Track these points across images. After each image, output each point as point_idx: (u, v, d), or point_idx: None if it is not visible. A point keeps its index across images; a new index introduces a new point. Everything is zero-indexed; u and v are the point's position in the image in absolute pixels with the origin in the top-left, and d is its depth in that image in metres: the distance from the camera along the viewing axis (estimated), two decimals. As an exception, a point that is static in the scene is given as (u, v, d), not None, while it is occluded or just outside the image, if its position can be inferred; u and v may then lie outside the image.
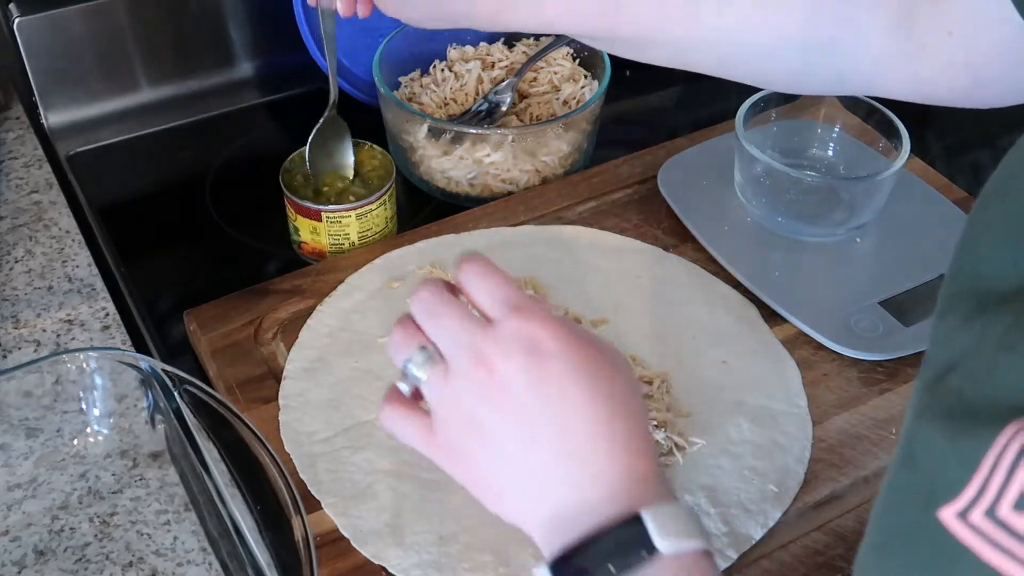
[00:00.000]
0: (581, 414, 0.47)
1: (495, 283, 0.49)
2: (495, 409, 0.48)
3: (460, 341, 0.49)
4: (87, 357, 0.67)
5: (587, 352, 0.48)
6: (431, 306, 0.50)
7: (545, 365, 0.47)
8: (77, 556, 0.64)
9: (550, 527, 0.47)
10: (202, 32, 1.03)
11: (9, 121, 0.97)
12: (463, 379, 0.48)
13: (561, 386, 0.47)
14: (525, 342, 0.47)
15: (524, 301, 0.49)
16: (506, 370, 0.47)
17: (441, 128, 0.88)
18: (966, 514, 0.31)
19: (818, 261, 0.82)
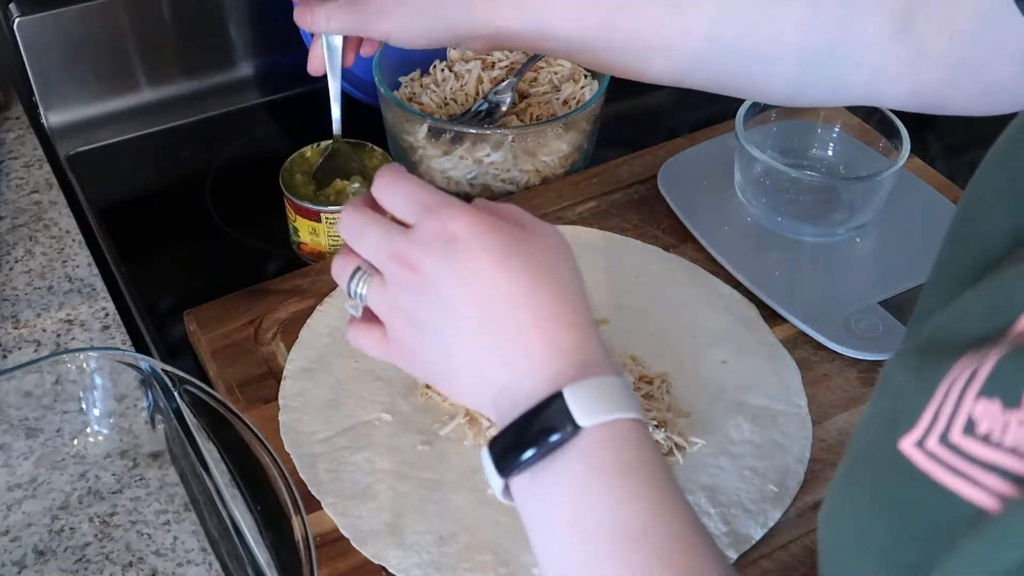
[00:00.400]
0: (500, 291, 0.49)
1: (406, 188, 0.52)
2: (427, 305, 0.50)
3: (386, 250, 0.52)
4: (87, 357, 0.67)
5: (502, 232, 0.50)
6: (355, 227, 0.53)
7: (461, 252, 0.49)
8: (77, 556, 0.64)
9: (495, 407, 0.50)
10: (202, 32, 1.03)
11: (9, 121, 0.97)
12: (395, 284, 0.51)
13: (478, 268, 0.49)
14: (441, 236, 0.50)
15: (436, 199, 0.51)
16: (428, 265, 0.50)
17: (441, 128, 0.88)
18: (923, 442, 0.33)
19: (818, 261, 0.82)
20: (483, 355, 0.50)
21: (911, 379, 0.34)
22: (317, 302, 0.78)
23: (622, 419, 0.47)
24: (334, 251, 0.83)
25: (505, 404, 0.49)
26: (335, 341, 0.75)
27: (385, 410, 0.70)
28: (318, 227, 0.81)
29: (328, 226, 0.81)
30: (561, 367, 0.48)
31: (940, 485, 0.32)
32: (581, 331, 0.50)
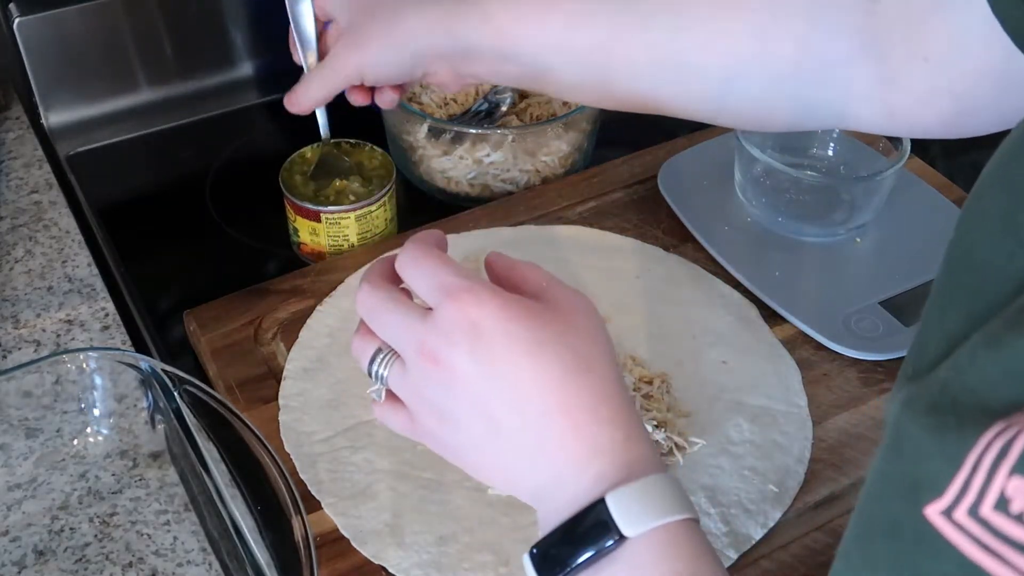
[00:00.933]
0: (530, 388, 0.47)
1: (429, 269, 0.50)
2: (453, 398, 0.48)
3: (405, 338, 0.49)
4: (87, 357, 0.67)
5: (529, 320, 0.47)
6: (372, 308, 0.51)
7: (488, 346, 0.47)
8: (77, 556, 0.64)
9: (535, 502, 0.48)
10: (202, 32, 1.03)
11: (9, 121, 0.97)
12: (417, 372, 0.49)
13: (505, 362, 0.47)
14: (465, 327, 0.47)
15: (458, 283, 0.48)
16: (452, 359, 0.47)
17: (441, 128, 0.88)
18: (951, 512, 0.31)
19: (818, 261, 0.82)
20: (516, 455, 0.48)
21: (933, 442, 0.33)
22: (317, 302, 0.78)
23: (671, 523, 0.44)
24: (334, 251, 0.83)
25: (546, 506, 0.47)
26: (335, 341, 0.75)
27: (385, 410, 0.70)
28: (318, 227, 0.81)
29: (328, 226, 0.81)
30: (601, 469, 0.46)
31: (968, 559, 0.30)
32: (621, 425, 0.47)
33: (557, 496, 0.46)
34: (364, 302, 0.51)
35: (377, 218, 0.82)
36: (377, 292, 0.51)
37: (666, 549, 0.44)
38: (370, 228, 0.82)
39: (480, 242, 0.83)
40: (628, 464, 0.46)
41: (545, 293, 0.50)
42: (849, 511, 0.67)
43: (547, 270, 0.52)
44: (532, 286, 0.50)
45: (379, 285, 0.51)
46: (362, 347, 0.52)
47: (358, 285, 0.52)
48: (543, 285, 0.50)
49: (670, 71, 0.62)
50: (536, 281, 0.50)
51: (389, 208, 0.83)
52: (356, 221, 0.81)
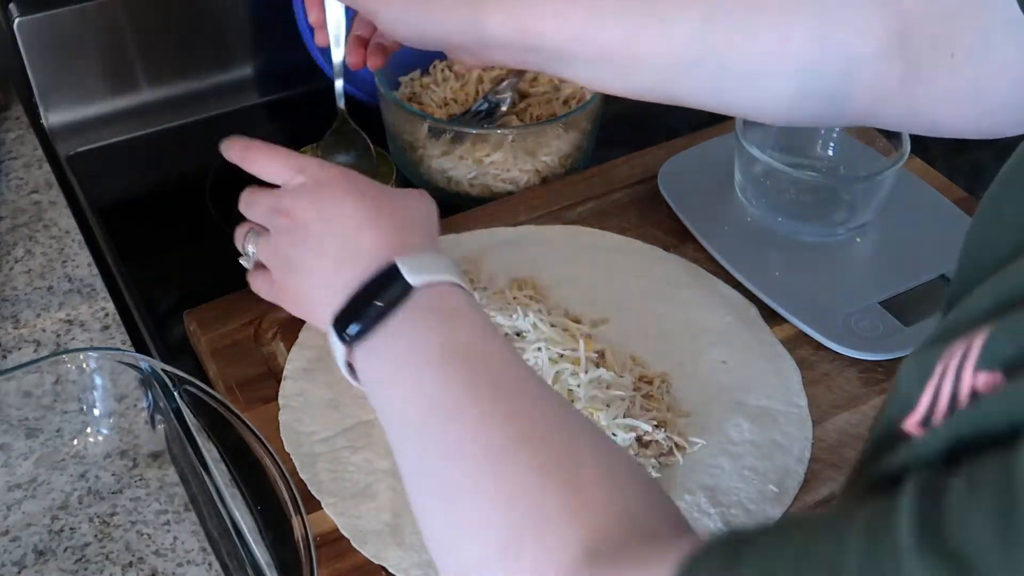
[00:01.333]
0: (352, 216, 0.57)
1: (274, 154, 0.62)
2: (298, 242, 0.59)
3: (269, 208, 0.61)
4: (87, 357, 0.67)
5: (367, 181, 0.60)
6: (249, 200, 0.63)
7: (324, 193, 0.58)
8: (77, 556, 0.64)
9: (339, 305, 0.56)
10: (202, 32, 1.03)
11: (9, 121, 0.97)
12: (275, 233, 0.61)
13: (335, 201, 0.58)
14: (309, 185, 0.59)
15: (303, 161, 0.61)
16: (298, 208, 0.59)
17: (441, 128, 0.88)
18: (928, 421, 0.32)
19: (818, 261, 0.82)
20: (338, 269, 0.56)
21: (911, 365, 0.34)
22: (317, 302, 0.77)
23: (447, 281, 0.54)
24: None
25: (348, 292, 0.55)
26: (335, 341, 0.75)
27: (385, 410, 0.70)
28: None
29: None
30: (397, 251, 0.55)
31: None
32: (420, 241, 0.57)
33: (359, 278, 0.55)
34: (243, 199, 0.64)
35: None
36: (254, 190, 0.64)
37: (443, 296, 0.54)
38: None
39: (480, 242, 0.83)
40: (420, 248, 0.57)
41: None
42: (849, 511, 0.68)
43: None
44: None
45: (255, 188, 0.64)
46: (239, 232, 0.65)
47: None
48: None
49: (698, 70, 0.63)
50: None
51: None
52: None
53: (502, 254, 0.82)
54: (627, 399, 0.68)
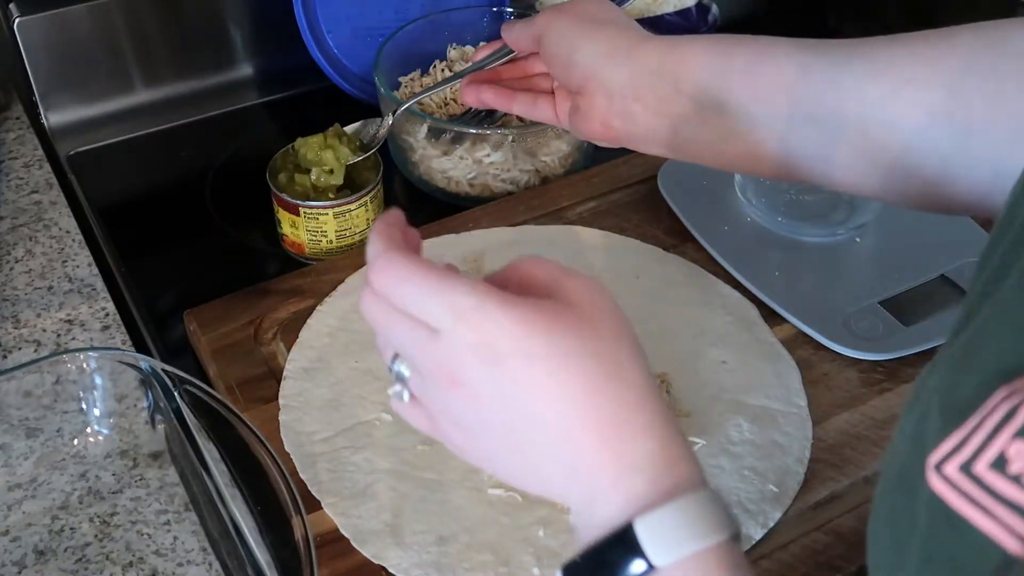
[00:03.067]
0: (557, 406, 0.43)
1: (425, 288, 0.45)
2: (474, 416, 0.46)
3: (418, 358, 0.46)
4: (87, 357, 0.67)
5: (547, 332, 0.43)
6: (377, 321, 0.48)
7: (506, 366, 0.43)
8: (77, 556, 0.64)
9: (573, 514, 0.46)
10: (202, 32, 1.03)
11: (9, 121, 0.97)
12: (433, 387, 0.46)
13: (528, 385, 0.43)
14: (480, 349, 0.43)
15: (462, 301, 0.44)
16: (470, 381, 0.44)
17: (441, 128, 0.88)
18: (941, 466, 0.32)
19: (818, 261, 0.82)
20: (545, 469, 0.45)
21: (941, 396, 0.33)
22: (317, 302, 0.78)
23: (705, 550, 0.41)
24: (312, 246, 0.83)
25: (579, 520, 0.45)
26: (335, 341, 0.75)
27: (385, 410, 0.70)
28: (297, 221, 0.81)
29: (306, 220, 0.81)
30: (632, 487, 0.43)
31: (952, 511, 0.31)
32: (654, 435, 0.44)
33: (589, 513, 0.44)
34: (367, 312, 0.48)
35: (357, 217, 0.82)
36: (379, 303, 0.47)
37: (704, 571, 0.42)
38: (349, 227, 0.82)
39: (480, 242, 0.83)
40: (661, 480, 0.43)
41: (558, 288, 0.46)
42: (849, 511, 0.68)
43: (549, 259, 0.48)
44: (541, 281, 0.46)
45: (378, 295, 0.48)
46: (383, 345, 0.49)
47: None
48: (553, 278, 0.46)
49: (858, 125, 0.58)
50: (546, 276, 0.46)
51: (371, 208, 0.83)
52: (334, 218, 0.81)
53: (502, 254, 0.82)
54: (627, 399, 0.68)
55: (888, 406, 0.72)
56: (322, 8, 0.96)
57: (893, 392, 0.73)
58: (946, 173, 0.56)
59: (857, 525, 0.65)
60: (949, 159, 0.56)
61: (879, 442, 0.70)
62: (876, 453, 0.69)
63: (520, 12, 1.00)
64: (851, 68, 0.58)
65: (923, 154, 0.56)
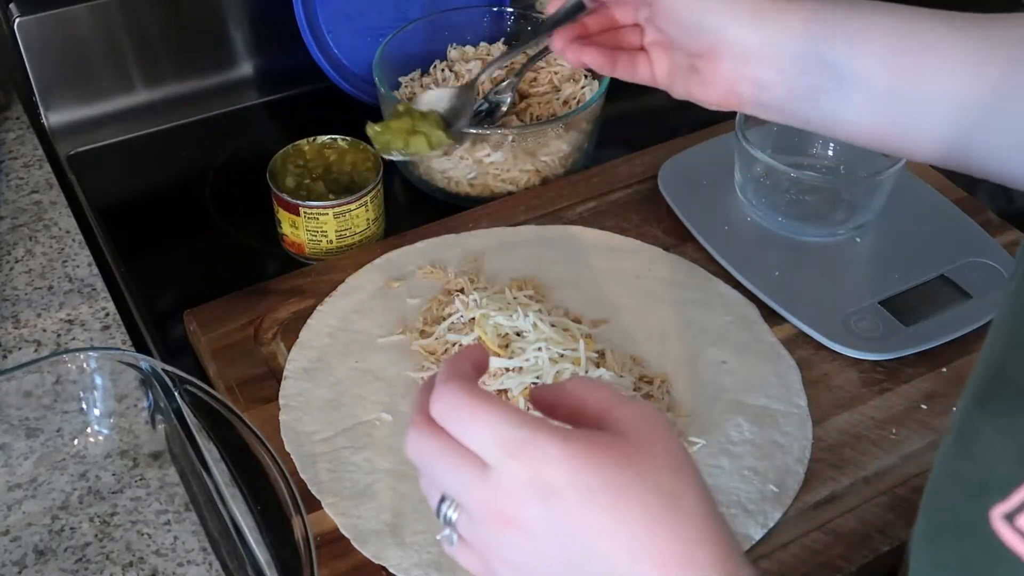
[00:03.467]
0: (617, 544, 0.42)
1: (474, 420, 0.43)
2: (530, 556, 0.43)
3: (466, 497, 0.44)
4: (87, 357, 0.67)
5: (602, 466, 0.42)
6: (423, 459, 0.45)
7: (562, 504, 0.41)
8: (77, 556, 0.64)
9: None
10: (202, 32, 1.03)
11: (9, 121, 0.97)
12: (484, 529, 0.44)
13: (586, 520, 0.42)
14: (532, 487, 0.42)
15: (515, 437, 0.42)
16: (524, 520, 0.42)
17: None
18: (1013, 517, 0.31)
19: (818, 261, 0.82)
20: None
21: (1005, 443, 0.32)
22: (317, 302, 0.78)
23: None
24: (312, 246, 0.83)
25: None
26: (335, 341, 0.75)
27: (385, 410, 0.70)
28: (297, 220, 0.81)
29: (307, 220, 0.81)
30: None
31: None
32: (719, 564, 0.42)
33: None
34: (413, 450, 0.45)
35: (357, 217, 0.82)
36: (425, 439, 0.44)
37: None
38: (349, 227, 0.82)
39: (480, 242, 0.83)
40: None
41: (609, 417, 0.44)
42: (849, 511, 0.68)
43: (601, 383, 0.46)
44: (593, 409, 0.45)
45: (426, 429, 0.45)
46: (427, 487, 0.47)
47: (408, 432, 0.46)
48: (606, 407, 0.45)
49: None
50: (597, 404, 0.45)
51: (371, 209, 0.83)
52: (334, 218, 0.81)
53: (502, 254, 0.82)
54: (627, 399, 0.68)
55: (888, 406, 0.72)
56: (322, 8, 0.96)
57: (893, 392, 0.73)
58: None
59: (857, 525, 0.65)
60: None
61: (879, 442, 0.70)
62: (876, 453, 0.69)
63: (520, 12, 1.00)
64: None
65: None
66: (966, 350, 0.75)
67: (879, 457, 0.69)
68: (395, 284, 0.79)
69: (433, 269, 0.80)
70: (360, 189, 0.82)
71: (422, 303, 0.78)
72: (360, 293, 0.78)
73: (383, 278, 0.80)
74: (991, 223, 0.85)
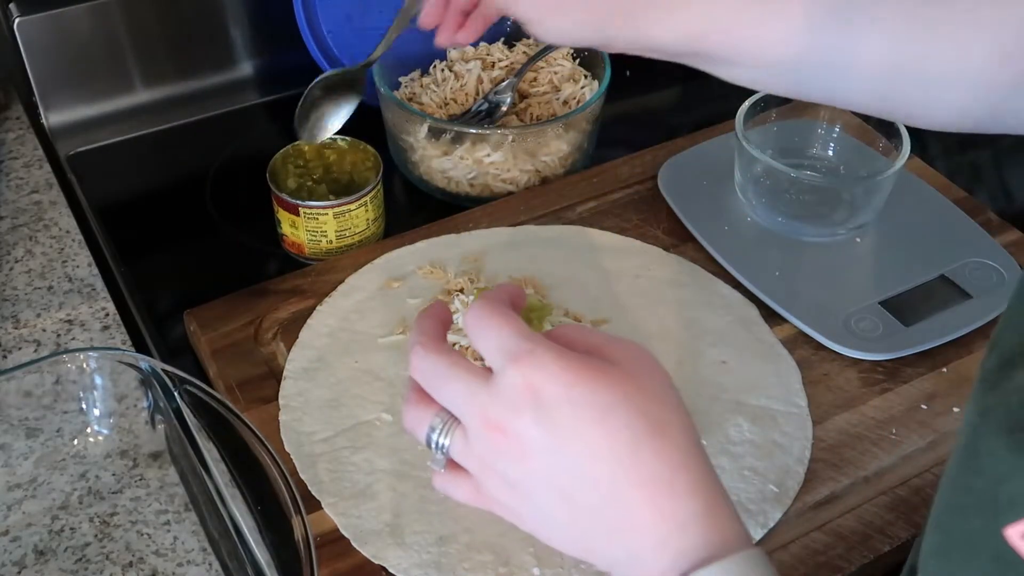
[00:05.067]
0: (603, 460, 0.44)
1: (493, 329, 0.46)
2: (520, 468, 0.45)
3: (467, 406, 0.46)
4: (87, 357, 0.67)
5: (594, 384, 0.44)
6: (429, 375, 0.48)
7: (553, 414, 0.44)
8: (77, 556, 0.64)
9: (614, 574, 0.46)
10: (202, 32, 1.03)
11: (9, 121, 0.97)
12: (482, 442, 0.46)
13: (575, 432, 0.44)
14: (528, 394, 0.44)
15: (519, 346, 0.45)
16: (518, 428, 0.44)
17: (441, 128, 0.88)
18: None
19: (818, 261, 0.82)
20: (591, 528, 0.45)
21: (1016, 462, 0.32)
22: (317, 302, 0.78)
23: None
24: (312, 246, 0.83)
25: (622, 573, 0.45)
26: (335, 341, 0.75)
27: (385, 410, 0.70)
28: (297, 221, 0.81)
29: (306, 220, 0.81)
30: (680, 546, 0.43)
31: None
32: (701, 494, 0.44)
33: (633, 572, 0.44)
34: (419, 367, 0.48)
35: (357, 217, 0.82)
36: (432, 356, 0.47)
37: None
38: (349, 227, 0.82)
39: (480, 242, 0.83)
40: (709, 540, 0.43)
41: (599, 350, 0.47)
42: (849, 511, 0.68)
43: (592, 329, 0.49)
44: (581, 346, 0.47)
45: (432, 347, 0.48)
46: (417, 417, 0.48)
47: (409, 345, 0.49)
48: (594, 343, 0.47)
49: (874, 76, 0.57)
50: (584, 341, 0.47)
51: (371, 209, 0.83)
52: (334, 218, 0.81)
53: (502, 254, 0.82)
54: (627, 399, 0.68)
55: (888, 406, 0.72)
56: (322, 8, 0.96)
57: (893, 392, 0.73)
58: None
59: (857, 525, 0.65)
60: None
61: (879, 442, 0.70)
62: (876, 453, 0.69)
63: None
64: None
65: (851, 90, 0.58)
66: (966, 350, 0.76)
67: (879, 457, 0.69)
68: (395, 284, 0.79)
69: (433, 269, 0.80)
70: (360, 189, 0.82)
71: (422, 303, 0.78)
72: (360, 293, 0.78)
73: (383, 278, 0.80)
74: (991, 223, 0.85)
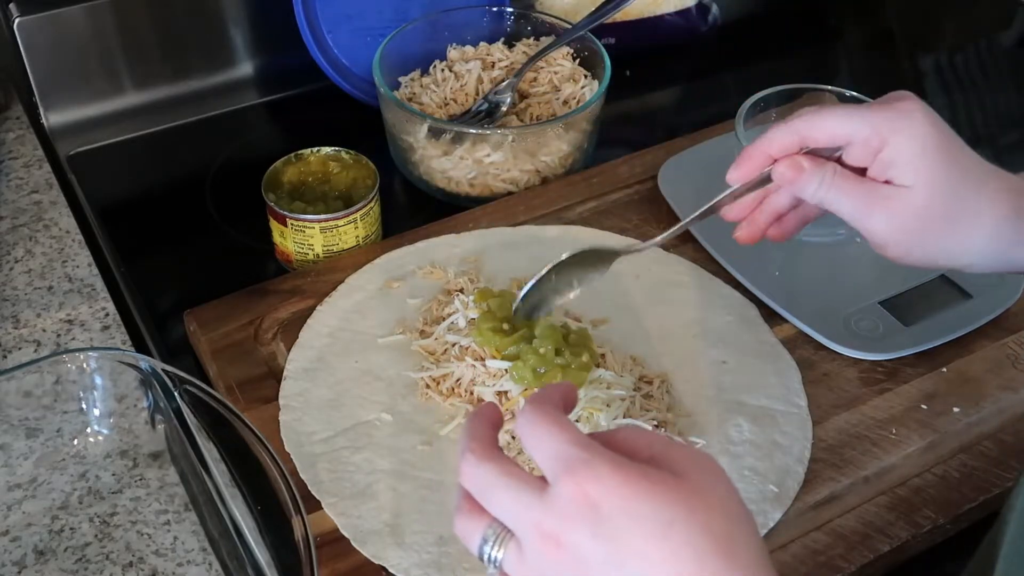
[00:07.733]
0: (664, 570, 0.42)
1: (545, 436, 0.44)
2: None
3: (521, 518, 0.44)
4: (87, 357, 0.67)
5: (654, 498, 0.42)
6: (481, 484, 0.46)
7: (611, 528, 0.42)
8: (77, 556, 0.64)
9: None
10: (202, 32, 1.03)
11: (9, 121, 0.97)
12: (536, 555, 0.44)
13: (634, 548, 0.42)
14: (584, 507, 0.42)
15: (575, 456, 0.43)
16: (574, 543, 0.43)
17: (441, 128, 0.88)
18: None
19: (818, 261, 0.82)
20: None
21: None
22: (317, 302, 0.78)
23: None
24: (300, 257, 0.82)
25: None
26: (335, 341, 0.75)
27: (385, 410, 0.70)
28: (285, 231, 0.81)
29: (294, 232, 0.80)
30: None
31: None
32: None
33: None
34: (470, 475, 0.46)
35: (346, 234, 0.81)
36: (484, 464, 0.45)
37: None
38: (337, 242, 0.81)
39: (480, 242, 0.83)
40: None
41: (664, 457, 0.45)
42: (849, 511, 0.68)
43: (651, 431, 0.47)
44: (645, 453, 0.45)
45: (484, 455, 0.46)
46: (469, 527, 0.47)
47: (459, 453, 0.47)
48: (658, 448, 0.45)
49: None
50: (647, 445, 0.46)
51: (362, 226, 0.82)
52: (321, 233, 0.80)
53: (502, 254, 0.82)
54: (627, 399, 0.68)
55: (888, 406, 0.72)
56: (322, 8, 0.96)
57: (893, 392, 0.73)
58: None
59: (857, 525, 0.65)
60: None
61: (879, 442, 0.70)
62: (876, 453, 0.69)
63: (520, 12, 1.00)
64: None
65: None
66: (966, 350, 0.76)
67: (879, 457, 0.69)
68: (395, 284, 0.79)
69: (433, 269, 0.80)
70: (355, 203, 0.81)
71: (422, 303, 0.78)
72: (360, 293, 0.78)
73: (383, 278, 0.80)
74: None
